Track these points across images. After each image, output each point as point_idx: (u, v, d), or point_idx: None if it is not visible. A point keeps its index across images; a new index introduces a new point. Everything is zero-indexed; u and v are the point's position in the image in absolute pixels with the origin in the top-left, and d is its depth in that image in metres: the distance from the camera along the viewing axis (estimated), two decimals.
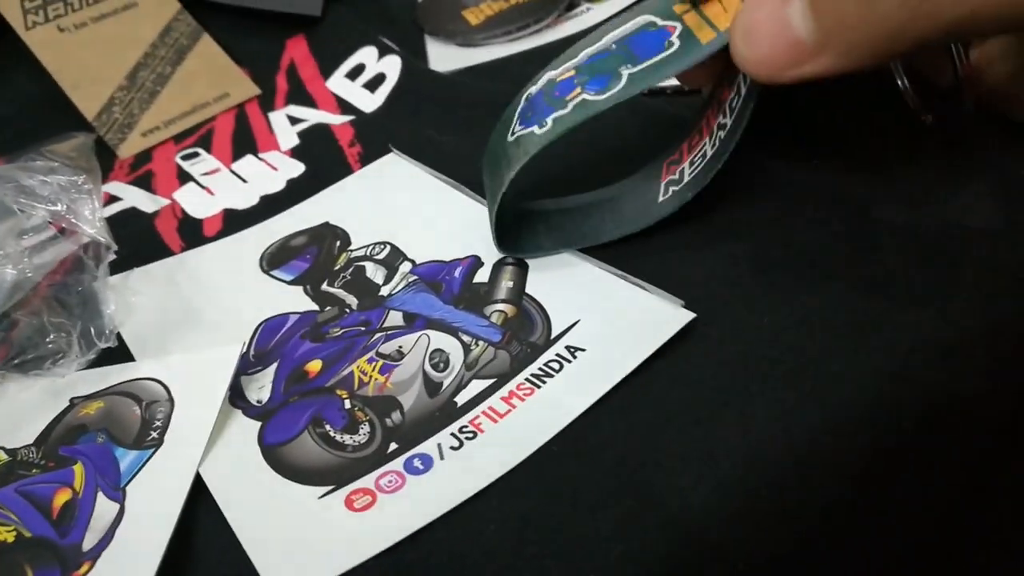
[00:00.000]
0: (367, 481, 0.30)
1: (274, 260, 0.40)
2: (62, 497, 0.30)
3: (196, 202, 0.47)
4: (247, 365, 0.35)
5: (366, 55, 0.55)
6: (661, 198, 0.36)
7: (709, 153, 0.34)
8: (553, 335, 0.33)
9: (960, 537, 0.32)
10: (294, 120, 0.52)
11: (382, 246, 0.39)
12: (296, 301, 0.38)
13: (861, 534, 0.29)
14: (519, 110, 0.35)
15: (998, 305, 0.31)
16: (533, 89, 0.35)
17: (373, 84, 0.53)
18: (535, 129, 0.33)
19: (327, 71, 0.55)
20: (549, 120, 0.33)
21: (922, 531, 0.31)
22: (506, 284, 0.35)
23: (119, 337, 0.36)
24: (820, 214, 0.35)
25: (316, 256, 0.40)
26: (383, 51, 0.55)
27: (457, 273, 0.36)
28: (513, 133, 0.35)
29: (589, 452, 0.29)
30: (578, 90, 0.33)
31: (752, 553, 0.27)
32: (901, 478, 0.30)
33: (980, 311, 0.30)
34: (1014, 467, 0.32)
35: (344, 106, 0.52)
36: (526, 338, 0.33)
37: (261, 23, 0.59)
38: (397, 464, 0.30)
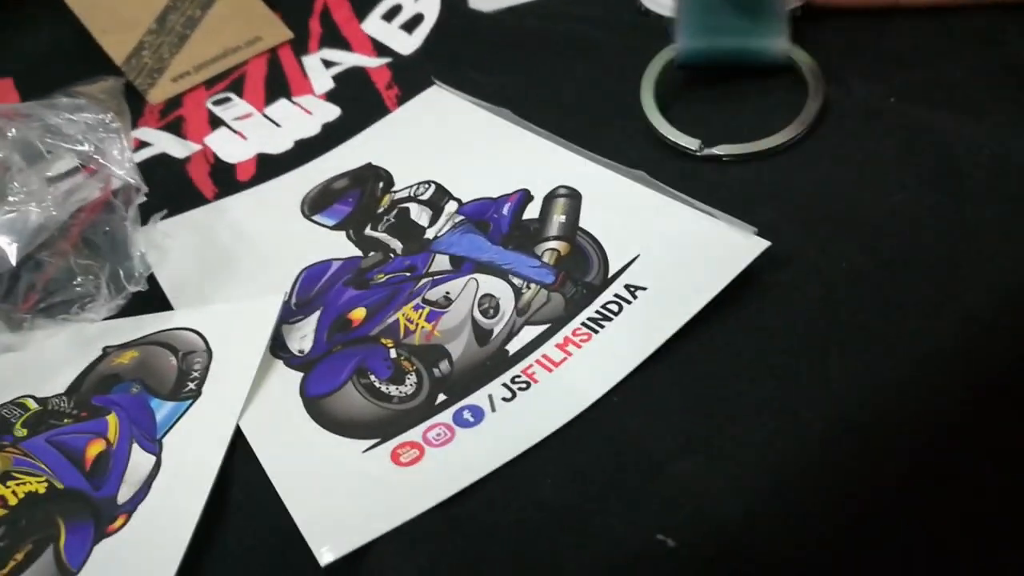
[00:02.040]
0: (414, 434, 0.28)
1: (316, 205, 0.38)
2: (95, 448, 0.29)
3: (228, 147, 0.45)
4: (289, 314, 0.33)
5: None
6: None
7: None
8: (611, 273, 0.31)
9: None
10: (328, 64, 0.50)
11: (427, 185, 0.37)
12: (339, 247, 0.36)
13: (939, 499, 0.27)
14: None
15: None
16: None
17: (410, 25, 0.50)
18: None
19: (362, 13, 0.53)
20: None
21: (1005, 490, 0.29)
22: (558, 219, 0.33)
23: (153, 284, 0.34)
24: (908, 149, 0.32)
25: (359, 199, 0.38)
26: None
27: (505, 210, 0.34)
28: None
29: (653, 403, 0.27)
30: None
31: (825, 520, 0.25)
32: (983, 439, 0.27)
33: None
34: None
35: (380, 48, 0.49)
36: (581, 278, 0.31)
37: None
38: (446, 416, 0.28)
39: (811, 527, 0.25)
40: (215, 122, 0.47)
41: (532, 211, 0.34)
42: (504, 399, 0.28)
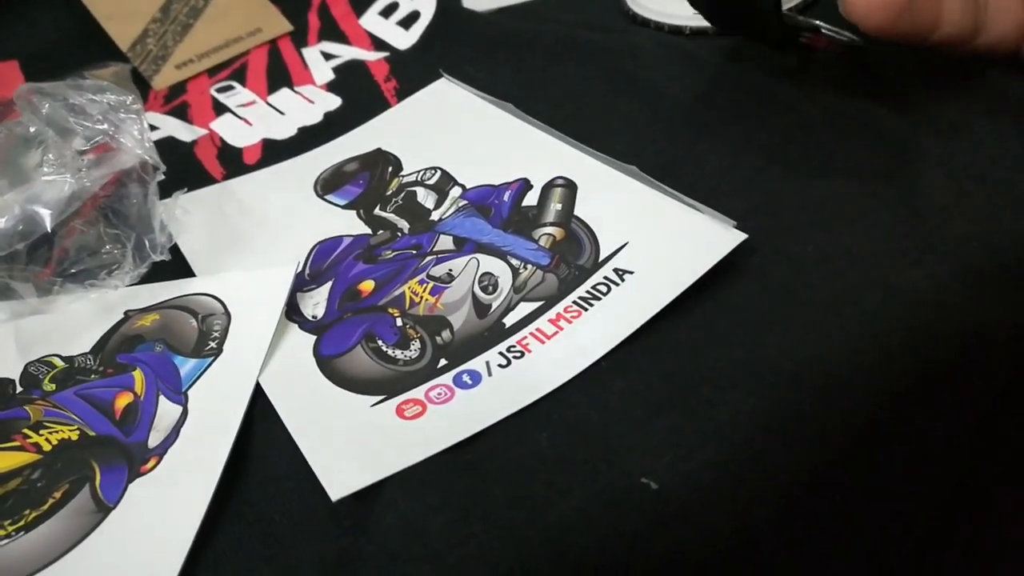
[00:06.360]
0: (417, 392, 0.31)
1: (328, 185, 0.41)
2: (124, 400, 0.31)
3: (234, 132, 0.47)
4: (302, 283, 0.35)
5: None
6: None
7: None
8: (601, 257, 0.34)
9: (981, 462, 0.33)
10: (328, 56, 0.52)
11: (433, 171, 0.40)
12: (349, 224, 0.38)
13: (894, 454, 0.30)
14: None
15: None
16: None
17: (407, 22, 0.53)
18: None
19: (360, 9, 0.56)
20: None
21: (952, 452, 0.32)
22: (554, 207, 0.36)
23: (172, 253, 0.36)
24: (866, 146, 0.35)
25: (368, 181, 0.40)
26: None
27: (506, 197, 0.37)
28: None
29: (636, 369, 0.30)
30: None
31: (794, 465, 0.28)
32: (933, 403, 0.31)
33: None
34: None
35: (378, 43, 0.52)
36: (574, 261, 0.34)
37: None
38: (446, 378, 0.31)
39: (778, 469, 0.28)
40: (219, 108, 0.49)
41: (531, 199, 0.37)
42: (500, 365, 0.31)
